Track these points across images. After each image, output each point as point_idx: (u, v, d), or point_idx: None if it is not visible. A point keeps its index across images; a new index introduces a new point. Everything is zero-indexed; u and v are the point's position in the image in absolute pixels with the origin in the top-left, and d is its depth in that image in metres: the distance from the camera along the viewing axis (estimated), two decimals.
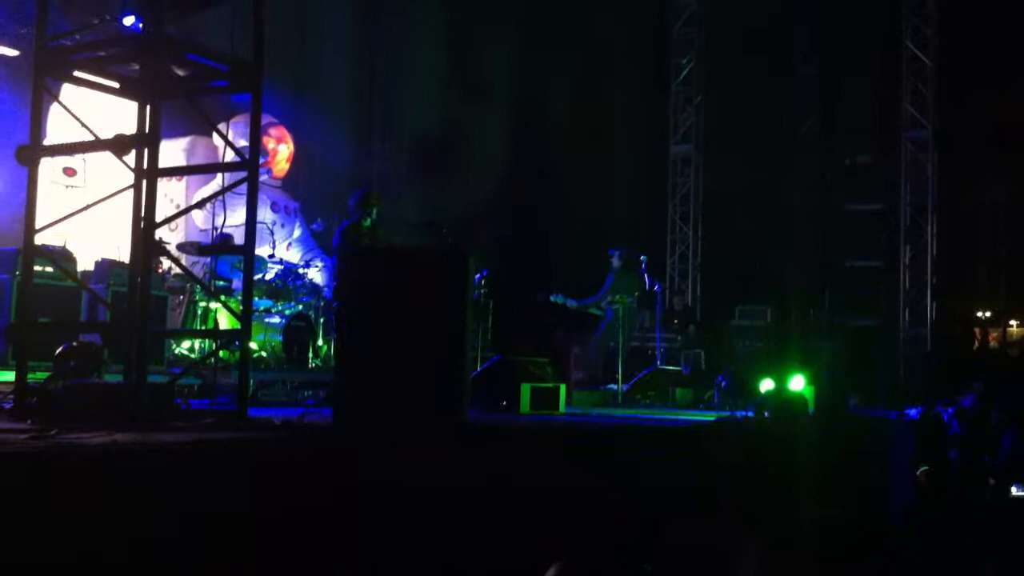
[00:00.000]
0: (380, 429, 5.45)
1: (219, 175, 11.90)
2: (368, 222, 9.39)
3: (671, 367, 12.46)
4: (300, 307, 11.12)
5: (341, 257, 8.74)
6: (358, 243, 9.15)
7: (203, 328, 10.14)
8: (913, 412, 9.42)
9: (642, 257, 12.59)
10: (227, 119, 10.93)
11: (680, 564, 5.43)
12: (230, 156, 6.41)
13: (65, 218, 6.50)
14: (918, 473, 7.37)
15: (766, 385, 9.37)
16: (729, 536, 5.52)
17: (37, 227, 6.27)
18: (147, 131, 5.98)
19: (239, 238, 8.47)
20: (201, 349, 9.82)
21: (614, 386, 11.40)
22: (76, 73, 6.53)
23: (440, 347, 5.93)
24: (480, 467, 5.20)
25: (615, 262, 12.43)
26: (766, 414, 8.37)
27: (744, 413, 8.89)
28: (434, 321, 5.93)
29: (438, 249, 9.15)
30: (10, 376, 6.65)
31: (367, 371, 5.90)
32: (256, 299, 10.24)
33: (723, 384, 10.66)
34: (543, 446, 6.05)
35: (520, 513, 5.10)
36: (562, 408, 8.77)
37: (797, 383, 9.21)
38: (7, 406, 5.95)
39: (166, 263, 9.57)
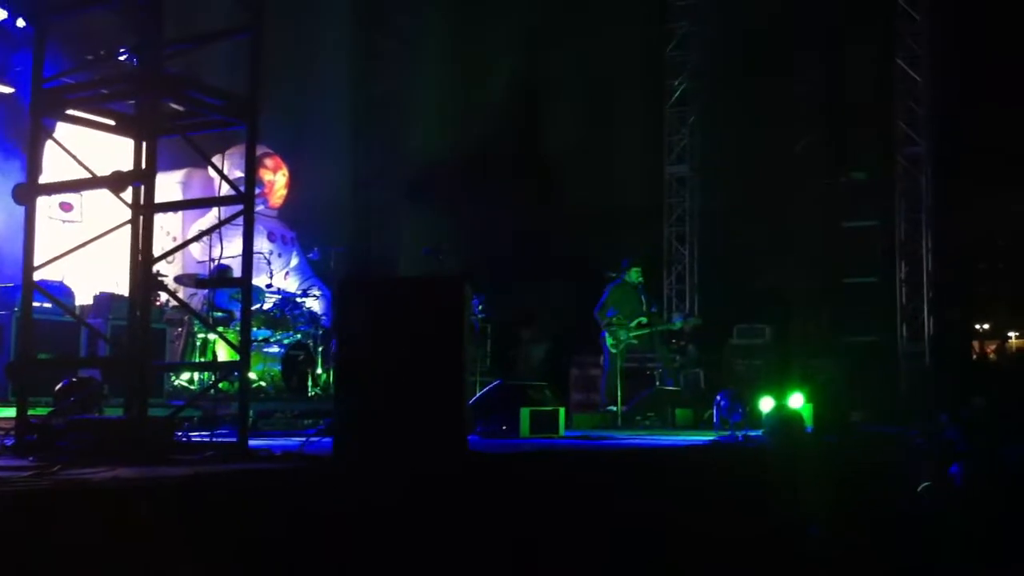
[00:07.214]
0: (381, 458, 5.46)
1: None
2: None
3: (670, 387, 12.47)
4: (299, 336, 11.12)
5: (338, 286, 8.82)
6: None
7: (202, 360, 10.16)
8: (913, 430, 9.43)
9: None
10: (222, 150, 11.00)
11: None
12: (226, 188, 6.42)
13: (64, 255, 6.51)
14: (919, 489, 7.38)
15: (766, 404, 9.38)
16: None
17: (36, 264, 6.28)
18: (143, 168, 6.00)
19: (236, 269, 8.50)
20: (201, 380, 9.83)
21: (614, 408, 11.40)
22: (71, 111, 6.56)
23: (439, 374, 5.95)
24: (481, 493, 5.22)
25: (625, 276, 12.16)
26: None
27: (745, 433, 8.89)
28: (432, 348, 5.95)
29: (434, 276, 9.19)
30: (11, 412, 6.66)
31: (366, 400, 5.91)
32: (255, 329, 10.25)
33: (723, 404, 10.67)
34: (541, 471, 6.07)
35: (523, 538, 5.11)
36: (562, 431, 8.79)
37: (796, 401, 9.23)
38: (8, 443, 5.95)
39: (164, 296, 9.60)
